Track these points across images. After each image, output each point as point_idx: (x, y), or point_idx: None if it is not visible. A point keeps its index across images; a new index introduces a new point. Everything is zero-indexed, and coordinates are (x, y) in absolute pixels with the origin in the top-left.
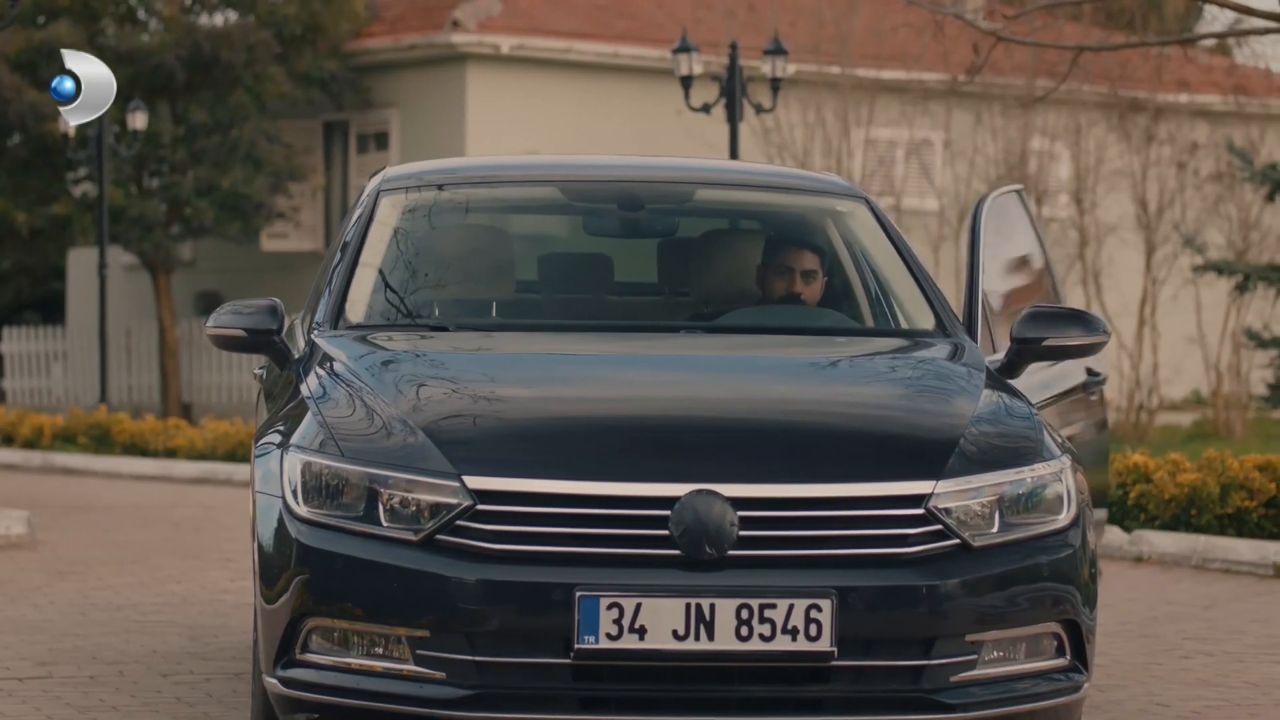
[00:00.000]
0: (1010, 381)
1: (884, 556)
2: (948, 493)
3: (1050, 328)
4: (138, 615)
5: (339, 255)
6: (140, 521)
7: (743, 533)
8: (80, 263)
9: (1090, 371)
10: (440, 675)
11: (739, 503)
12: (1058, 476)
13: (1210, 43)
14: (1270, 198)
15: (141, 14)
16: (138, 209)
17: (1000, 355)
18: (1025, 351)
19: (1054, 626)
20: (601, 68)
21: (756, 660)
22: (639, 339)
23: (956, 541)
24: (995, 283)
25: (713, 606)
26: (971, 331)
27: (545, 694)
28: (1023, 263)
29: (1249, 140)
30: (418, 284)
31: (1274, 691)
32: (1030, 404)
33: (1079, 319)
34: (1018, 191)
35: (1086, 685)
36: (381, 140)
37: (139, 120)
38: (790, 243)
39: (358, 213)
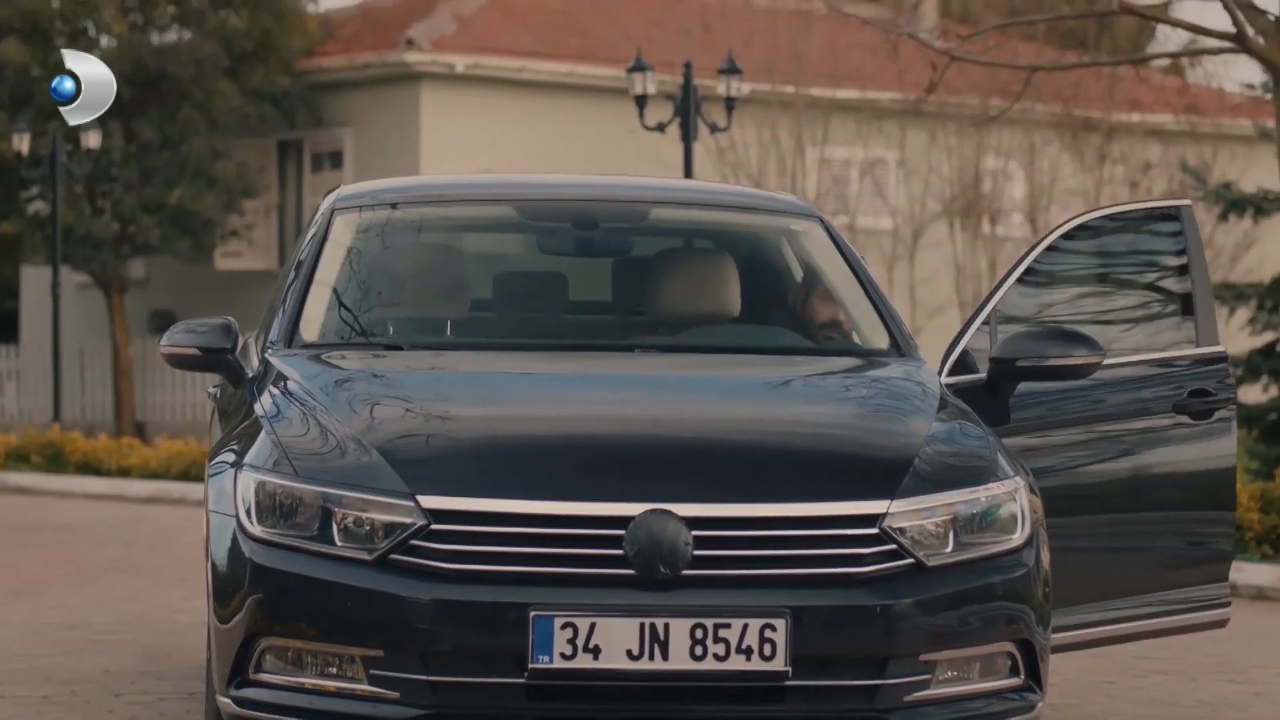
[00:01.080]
0: (962, 402)
1: (838, 576)
2: (902, 512)
3: (1036, 347)
4: (91, 635)
5: (293, 274)
6: (94, 541)
7: (697, 552)
8: (33, 281)
9: (1200, 391)
10: (394, 695)
11: (693, 522)
12: (1011, 496)
13: (1163, 63)
14: (1223, 217)
15: (92, 32)
16: (87, 227)
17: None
18: (1006, 372)
19: (1008, 646)
20: (556, 87)
21: (711, 680)
22: (594, 358)
23: (911, 561)
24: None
25: (667, 626)
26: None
27: (499, 714)
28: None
29: (1201, 160)
30: (372, 303)
31: (1226, 710)
32: (983, 423)
33: (1068, 338)
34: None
35: (1040, 704)
36: (336, 159)
37: (92, 139)
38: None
39: (312, 231)
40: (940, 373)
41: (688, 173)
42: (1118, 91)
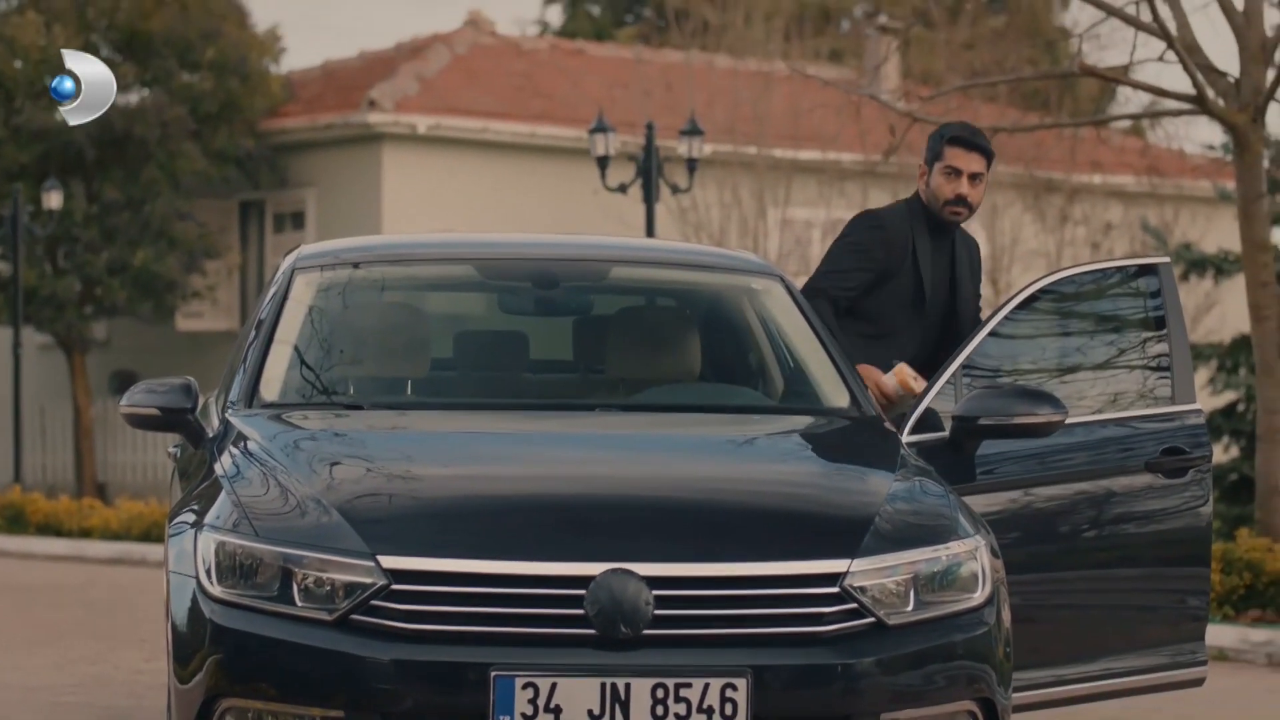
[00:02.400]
0: (922, 460)
1: (799, 635)
2: (863, 571)
3: (999, 405)
4: (51, 697)
5: (254, 333)
6: (54, 602)
7: (658, 611)
8: None
9: (1173, 449)
10: None
11: (654, 581)
12: (972, 554)
13: (1124, 124)
14: (1184, 277)
15: None
16: (50, 288)
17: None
18: (968, 430)
19: (969, 705)
20: (518, 147)
21: None
22: (554, 417)
23: (872, 620)
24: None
25: (628, 686)
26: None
27: None
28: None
29: (1162, 221)
30: (333, 362)
31: None
32: (944, 482)
33: (1031, 396)
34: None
35: None
36: (298, 219)
37: (54, 199)
38: (962, 144)
39: (272, 290)
40: (902, 431)
41: (650, 233)
42: (1079, 153)
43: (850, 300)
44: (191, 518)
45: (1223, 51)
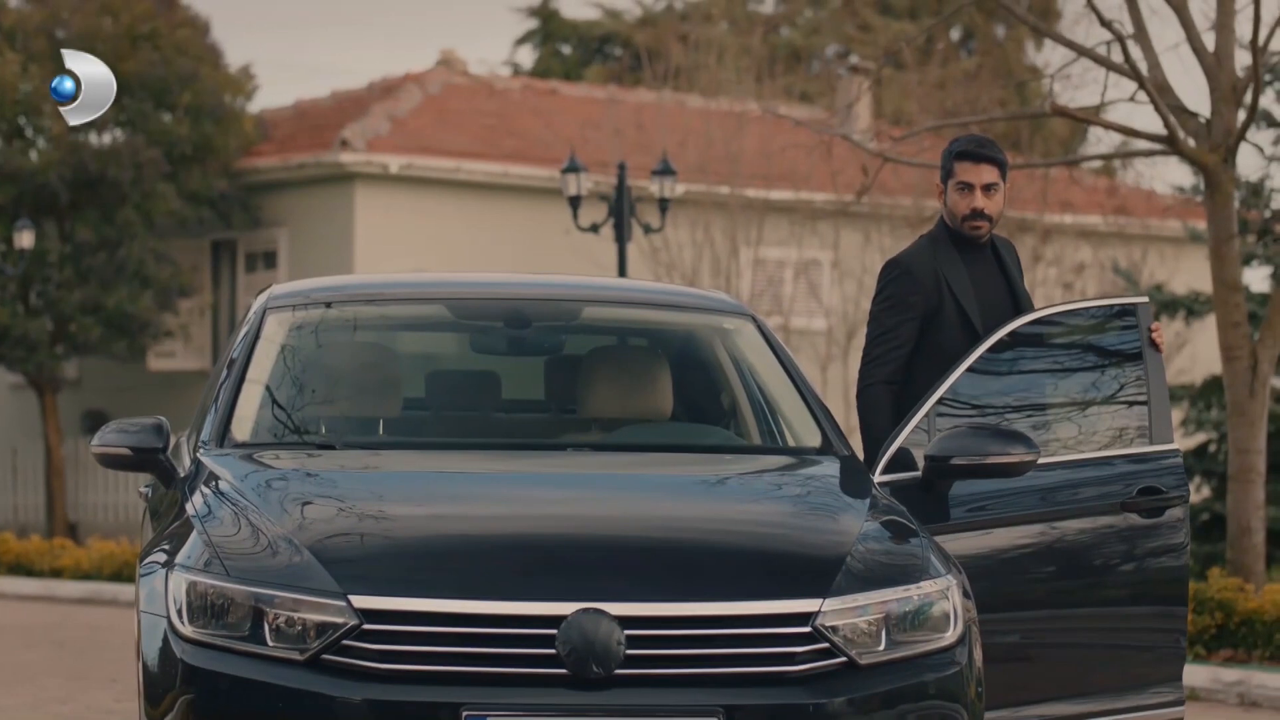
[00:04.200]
0: (893, 499)
1: (771, 675)
2: (834, 610)
3: (971, 445)
4: None
5: (225, 372)
6: (25, 642)
7: (630, 651)
8: None
9: (1150, 488)
10: None
11: (626, 621)
12: (944, 594)
13: (1095, 165)
14: (1155, 318)
15: (29, 132)
16: (22, 328)
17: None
18: (941, 470)
19: None
20: (490, 187)
21: None
22: (526, 457)
23: (843, 659)
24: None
25: None
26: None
27: None
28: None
29: (1131, 261)
30: (304, 402)
31: None
32: (915, 522)
33: (1004, 436)
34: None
35: None
36: (270, 259)
37: (25, 239)
38: (969, 158)
39: (244, 330)
40: (874, 470)
41: (622, 273)
42: (1051, 193)
43: (905, 360)
44: (163, 557)
45: (1194, 92)
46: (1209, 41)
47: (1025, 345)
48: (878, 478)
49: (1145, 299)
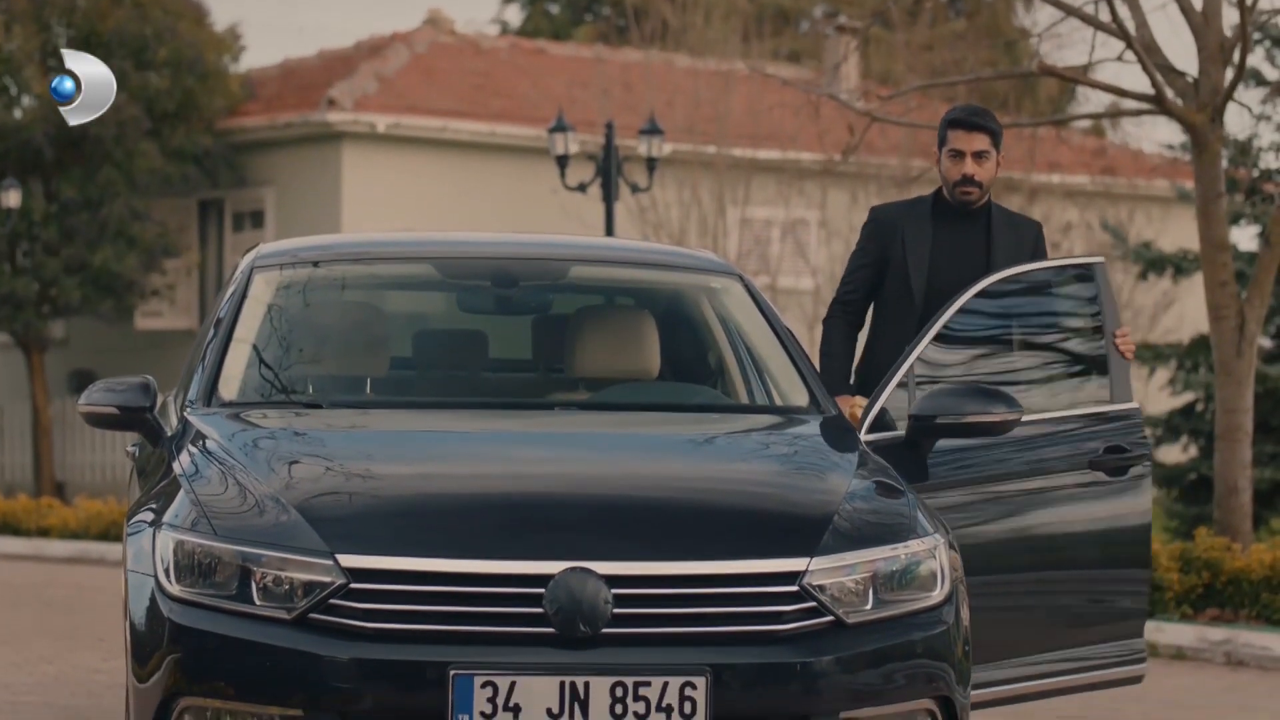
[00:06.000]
0: (881, 458)
1: (758, 634)
2: (821, 569)
3: (954, 404)
4: (10, 696)
5: (212, 332)
6: (12, 601)
7: (617, 610)
8: None
9: (1115, 447)
10: None
11: (613, 580)
12: (931, 553)
13: (1083, 125)
14: (1143, 276)
15: (13, 90)
16: (8, 287)
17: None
18: (925, 429)
19: (928, 703)
20: (477, 146)
21: None
22: (513, 416)
23: (830, 618)
24: None
25: (587, 685)
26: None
27: None
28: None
29: (1119, 220)
30: (291, 361)
31: None
32: (903, 481)
33: (986, 395)
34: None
35: None
36: (257, 218)
37: (12, 198)
38: (961, 126)
39: (231, 289)
40: (860, 430)
41: (609, 232)
42: (1039, 153)
43: (861, 300)
44: (150, 516)
45: (1181, 51)
46: (1196, 0)
47: (985, 309)
48: (862, 436)
49: (1101, 259)
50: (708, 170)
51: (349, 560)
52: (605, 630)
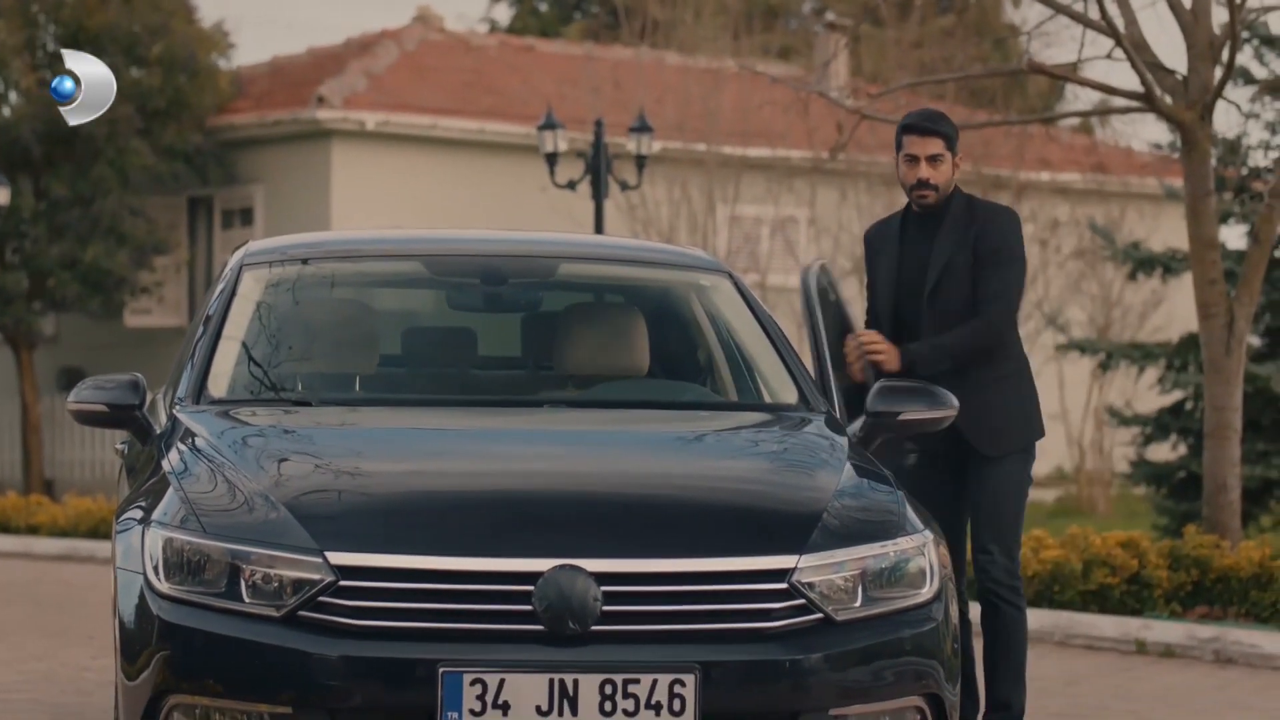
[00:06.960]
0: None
1: (748, 631)
2: (811, 567)
3: (901, 402)
4: None
5: (201, 329)
6: (1, 599)
7: (606, 608)
8: None
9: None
10: None
11: (602, 578)
12: (920, 550)
13: (1072, 122)
14: (1132, 276)
15: (0, 87)
16: None
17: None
18: (879, 426)
19: (917, 700)
20: (467, 144)
21: None
22: (502, 413)
23: (819, 616)
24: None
25: (576, 682)
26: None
27: None
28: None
29: (1109, 217)
30: (281, 358)
31: None
32: (892, 478)
33: (926, 394)
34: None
35: None
36: (246, 216)
37: (1, 195)
38: (914, 131)
39: (220, 287)
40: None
41: (599, 230)
42: (1027, 150)
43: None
44: (139, 514)
45: (1171, 49)
46: None
47: None
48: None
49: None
50: (697, 168)
51: (338, 558)
52: (594, 628)
